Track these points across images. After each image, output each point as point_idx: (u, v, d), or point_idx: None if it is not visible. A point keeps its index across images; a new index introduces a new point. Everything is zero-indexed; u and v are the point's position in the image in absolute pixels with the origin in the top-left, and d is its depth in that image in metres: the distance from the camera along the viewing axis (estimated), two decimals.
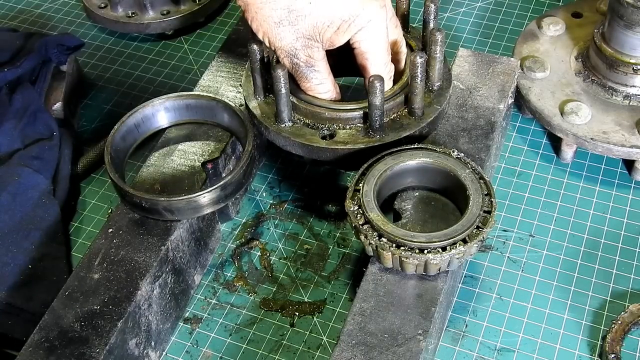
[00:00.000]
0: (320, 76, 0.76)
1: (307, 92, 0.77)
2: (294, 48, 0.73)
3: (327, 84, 0.77)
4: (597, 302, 0.80)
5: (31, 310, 0.80)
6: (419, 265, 0.67)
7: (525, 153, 0.95)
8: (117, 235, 0.76)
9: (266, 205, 0.92)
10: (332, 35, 0.73)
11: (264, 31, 0.74)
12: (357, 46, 0.75)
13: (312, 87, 0.77)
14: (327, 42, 0.74)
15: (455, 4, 1.17)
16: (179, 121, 0.85)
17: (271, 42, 0.74)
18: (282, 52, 0.74)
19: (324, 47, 0.74)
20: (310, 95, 0.77)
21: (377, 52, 0.75)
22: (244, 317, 0.82)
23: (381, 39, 0.75)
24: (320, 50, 0.74)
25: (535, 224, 0.87)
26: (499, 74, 0.87)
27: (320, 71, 0.76)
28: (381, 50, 0.75)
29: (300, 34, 0.72)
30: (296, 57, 0.74)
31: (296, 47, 0.73)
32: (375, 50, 0.75)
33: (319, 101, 0.77)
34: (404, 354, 0.65)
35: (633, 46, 0.88)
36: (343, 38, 0.73)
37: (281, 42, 0.73)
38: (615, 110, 0.90)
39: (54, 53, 1.01)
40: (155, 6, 1.13)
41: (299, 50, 0.74)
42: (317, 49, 0.74)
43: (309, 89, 0.77)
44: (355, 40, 0.74)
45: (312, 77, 0.76)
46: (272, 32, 0.73)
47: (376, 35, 0.74)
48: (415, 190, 0.77)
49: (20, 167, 0.90)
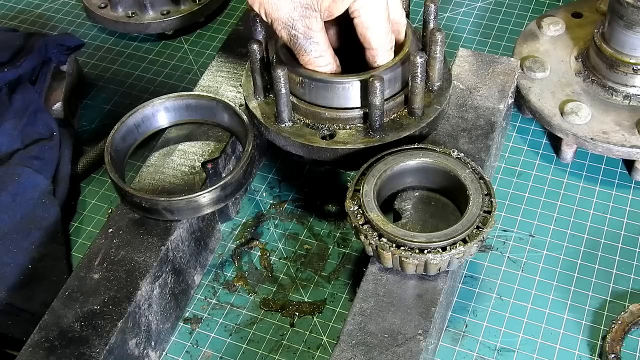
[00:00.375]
0: (320, 48, 0.73)
1: (307, 65, 0.75)
2: (291, 18, 0.71)
3: (326, 57, 0.74)
4: (597, 302, 0.80)
5: (31, 310, 0.80)
6: (419, 265, 0.67)
7: (525, 153, 0.95)
8: (117, 235, 0.76)
9: (266, 205, 0.92)
10: (330, 3, 0.70)
11: (260, 2, 0.71)
12: (356, 15, 0.72)
13: (311, 60, 0.74)
14: (325, 12, 0.71)
15: (455, 4, 1.17)
16: (179, 121, 0.85)
17: (268, 13, 0.72)
18: (279, 24, 0.72)
19: (323, 17, 0.72)
20: (309, 69, 0.75)
21: (377, 21, 0.72)
22: (244, 317, 0.82)
23: (381, 8, 0.72)
24: (319, 21, 0.72)
25: (535, 224, 0.87)
26: (499, 74, 0.87)
27: (319, 43, 0.73)
28: (381, 19, 0.73)
29: (298, 3, 0.70)
30: (294, 28, 0.71)
31: (294, 18, 0.71)
32: (375, 20, 0.72)
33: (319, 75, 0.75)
34: (404, 354, 0.65)
35: (633, 46, 0.88)
36: (342, 6, 0.71)
37: (278, 13, 0.71)
38: (615, 110, 0.90)
39: (54, 53, 1.01)
40: (155, 6, 1.13)
41: (296, 20, 0.71)
42: (316, 19, 0.71)
43: (308, 62, 0.74)
44: (354, 9, 0.72)
45: (310, 49, 0.73)
46: (269, 2, 0.71)
47: (376, 4, 0.71)
48: (415, 190, 0.77)
49: (20, 167, 0.90)
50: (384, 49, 0.75)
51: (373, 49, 0.74)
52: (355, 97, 0.76)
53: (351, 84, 0.75)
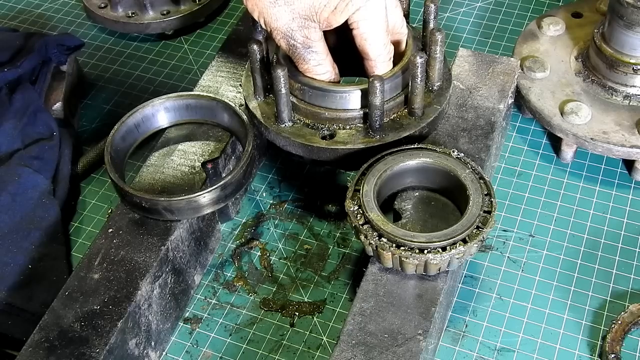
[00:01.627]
0: (318, 57, 0.74)
1: (305, 73, 0.75)
2: (290, 29, 0.71)
3: (325, 65, 0.75)
4: (597, 302, 0.80)
5: (31, 310, 0.80)
6: (419, 265, 0.67)
7: (525, 153, 0.95)
8: (117, 235, 0.76)
9: (266, 205, 0.92)
10: (329, 15, 0.71)
11: (259, 11, 0.72)
12: (355, 27, 0.72)
13: (310, 68, 0.75)
14: (324, 23, 0.71)
15: (455, 4, 1.17)
16: (179, 121, 0.85)
17: (267, 22, 0.72)
18: (278, 33, 0.72)
19: (321, 27, 0.72)
20: (308, 77, 0.75)
21: (376, 33, 0.73)
22: (244, 317, 0.82)
23: (380, 20, 0.72)
24: (318, 31, 0.72)
25: (535, 224, 0.87)
26: (499, 74, 0.87)
27: (318, 52, 0.73)
28: (380, 31, 0.73)
29: (297, 13, 0.70)
30: (293, 38, 0.72)
31: (292, 28, 0.71)
32: (374, 31, 0.72)
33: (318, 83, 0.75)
34: (404, 354, 0.65)
35: (633, 46, 0.88)
36: (340, 18, 0.71)
37: (277, 23, 0.71)
38: (615, 110, 0.90)
39: (54, 53, 1.01)
40: (155, 6, 1.13)
41: (295, 31, 0.71)
42: (314, 29, 0.72)
43: (307, 70, 0.75)
44: (353, 21, 0.72)
45: (309, 58, 0.74)
46: (268, 12, 0.71)
47: (375, 16, 0.72)
48: (415, 190, 0.77)
49: (20, 167, 0.90)
50: (382, 60, 0.75)
51: (371, 60, 0.75)
52: (354, 103, 0.76)
53: (350, 94, 0.75)
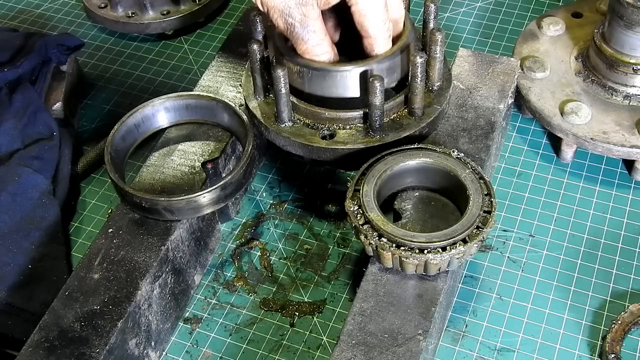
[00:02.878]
0: (317, 37, 0.73)
1: (304, 54, 0.74)
2: (287, 6, 0.70)
3: (324, 45, 0.74)
4: (597, 302, 0.80)
5: (31, 310, 0.80)
6: (419, 265, 0.67)
7: (525, 153, 0.95)
8: (117, 235, 0.76)
9: (266, 205, 0.92)
10: None
11: None
12: (353, 3, 0.71)
13: (308, 49, 0.73)
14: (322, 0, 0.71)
15: (455, 4, 1.17)
16: (179, 121, 0.85)
17: (264, 1, 0.71)
18: (275, 12, 0.71)
19: (319, 5, 0.71)
20: (307, 59, 0.74)
21: (374, 9, 0.72)
22: (244, 317, 0.82)
23: None
24: (315, 9, 0.71)
25: (535, 224, 0.87)
26: (499, 74, 0.87)
27: (316, 31, 0.72)
28: (378, 7, 0.72)
29: None
30: (290, 16, 0.71)
31: (290, 5, 0.70)
32: (372, 7, 0.71)
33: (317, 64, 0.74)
34: (404, 354, 0.65)
35: (633, 46, 0.88)
36: None
37: (274, 0, 0.71)
38: (615, 110, 0.90)
39: (54, 53, 1.01)
40: (155, 6, 1.13)
41: (292, 8, 0.70)
42: (312, 6, 0.71)
43: (305, 51, 0.74)
44: None
45: (308, 38, 0.72)
46: None
47: None
48: (415, 190, 0.77)
49: (20, 167, 0.90)
50: (381, 37, 0.74)
51: (371, 37, 0.74)
52: (354, 87, 0.75)
53: (350, 73, 0.74)
